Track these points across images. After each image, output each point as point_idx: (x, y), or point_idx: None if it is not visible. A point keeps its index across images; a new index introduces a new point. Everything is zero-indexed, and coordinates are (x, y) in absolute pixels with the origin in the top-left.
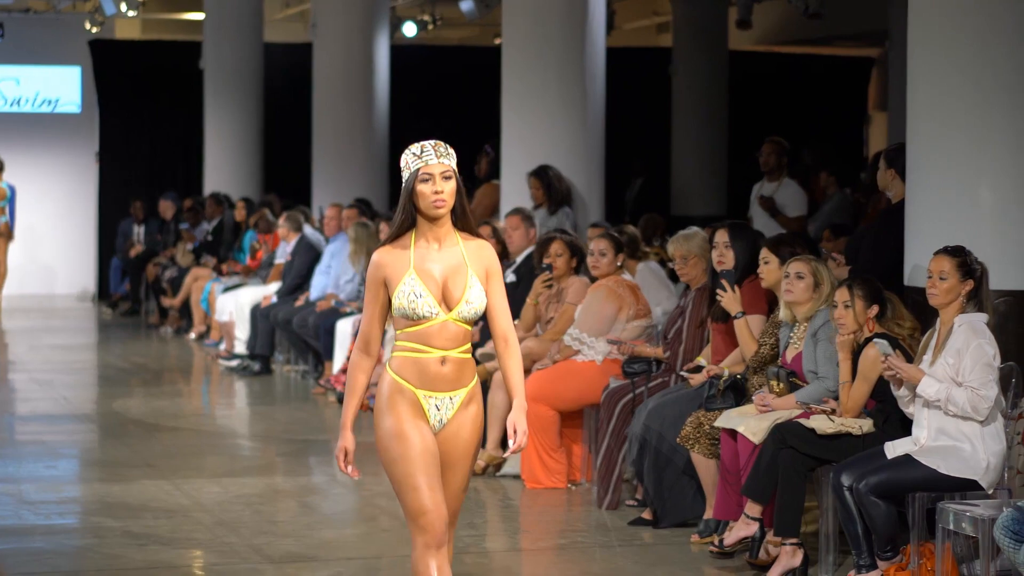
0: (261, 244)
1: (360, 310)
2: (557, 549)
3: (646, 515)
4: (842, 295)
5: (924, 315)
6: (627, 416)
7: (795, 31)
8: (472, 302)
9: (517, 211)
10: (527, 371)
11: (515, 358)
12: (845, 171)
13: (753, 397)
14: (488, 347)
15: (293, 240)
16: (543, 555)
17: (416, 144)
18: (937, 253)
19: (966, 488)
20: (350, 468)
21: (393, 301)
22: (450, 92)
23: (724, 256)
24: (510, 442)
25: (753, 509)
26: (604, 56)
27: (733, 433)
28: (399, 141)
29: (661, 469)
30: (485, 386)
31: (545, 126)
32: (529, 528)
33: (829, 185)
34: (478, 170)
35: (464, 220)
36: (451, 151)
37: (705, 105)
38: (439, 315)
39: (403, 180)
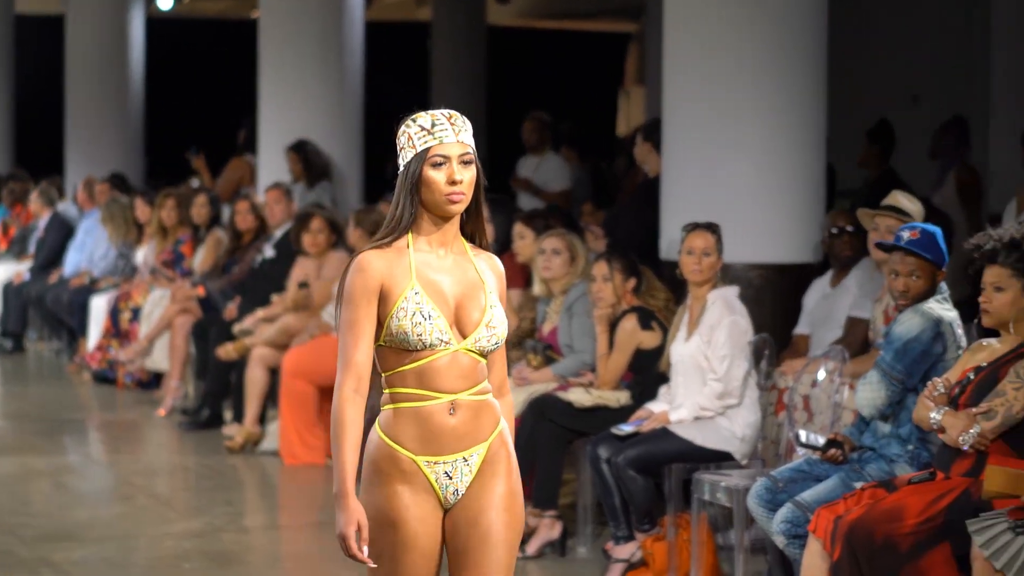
0: (13, 220)
1: (116, 285)
2: (317, 526)
3: None
4: (600, 269)
5: (679, 288)
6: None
7: (554, 6)
8: (495, 327)
9: (277, 185)
10: (284, 347)
11: (508, 418)
12: (591, 145)
13: (511, 370)
14: (247, 321)
15: (46, 215)
16: (302, 531)
17: (423, 114)
18: (696, 228)
19: (721, 459)
20: (365, 549)
21: (388, 325)
22: (207, 65)
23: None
24: None
25: None
26: (363, 30)
27: None
28: (155, 115)
29: None
30: (245, 364)
31: (303, 100)
32: (288, 504)
33: (571, 159)
34: (239, 145)
35: (477, 223)
36: (469, 125)
37: (464, 79)
38: (451, 344)
39: (400, 160)
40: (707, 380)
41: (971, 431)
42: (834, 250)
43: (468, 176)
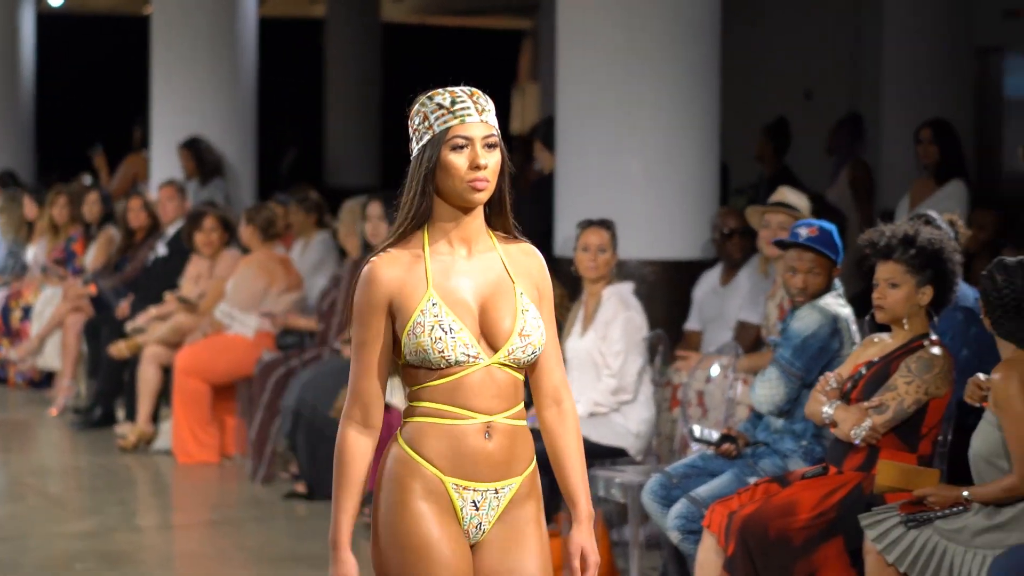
0: None
1: (7, 284)
2: (210, 524)
3: (300, 488)
4: None
5: (574, 285)
6: (281, 389)
7: (448, 2)
8: (529, 335)
9: (171, 182)
10: (177, 345)
11: (571, 434)
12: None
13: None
14: (140, 319)
15: None
16: (196, 531)
17: (441, 91)
18: (591, 225)
19: (616, 455)
20: None
21: (404, 341)
22: (100, 61)
23: (378, 228)
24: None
25: None
26: (256, 26)
27: (387, 405)
28: (46, 112)
29: (315, 442)
30: (138, 361)
31: (196, 97)
32: (181, 504)
33: None
34: (134, 142)
35: (502, 213)
36: (492, 104)
37: (359, 76)
38: (481, 359)
39: (414, 144)
40: (602, 376)
41: (863, 425)
42: (724, 250)
43: (493, 161)
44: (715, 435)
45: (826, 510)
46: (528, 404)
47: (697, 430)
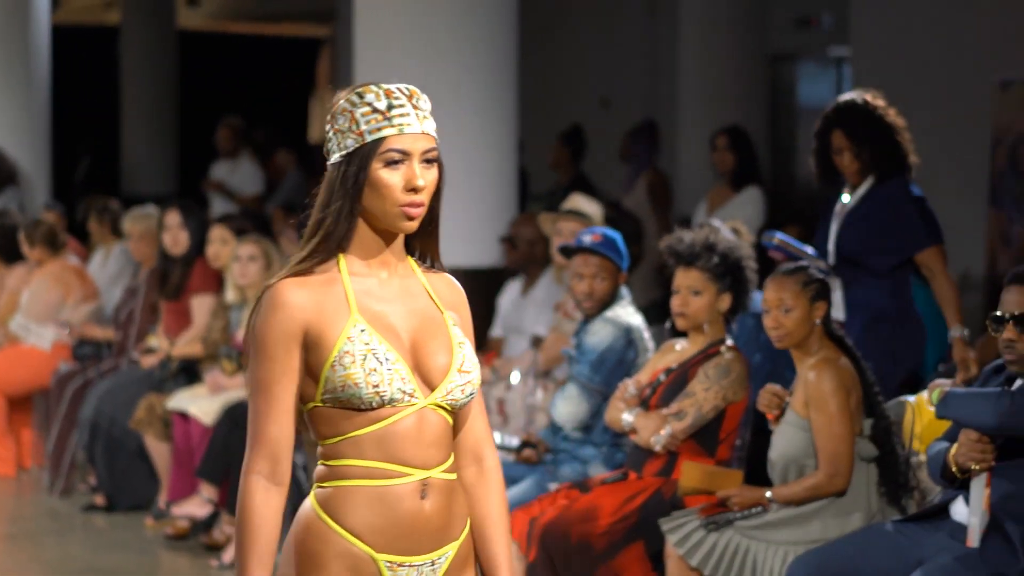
0: None
1: None
2: (7, 538)
3: (99, 500)
4: None
5: None
6: (78, 400)
7: (244, 8)
8: (469, 371)
9: None
10: None
11: (493, 497)
12: (305, 150)
13: (205, 378)
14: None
15: None
16: None
17: (373, 87)
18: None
19: None
20: None
21: (327, 378)
22: None
23: (177, 237)
24: None
25: (209, 491)
26: (49, 33)
27: (185, 415)
28: None
29: (114, 453)
30: None
31: None
32: None
33: (288, 164)
34: None
35: (430, 238)
36: (430, 105)
37: (155, 84)
38: (416, 398)
39: (333, 147)
40: None
41: (663, 432)
42: (516, 258)
43: (430, 179)
44: (515, 442)
45: (627, 515)
46: None
47: (498, 437)
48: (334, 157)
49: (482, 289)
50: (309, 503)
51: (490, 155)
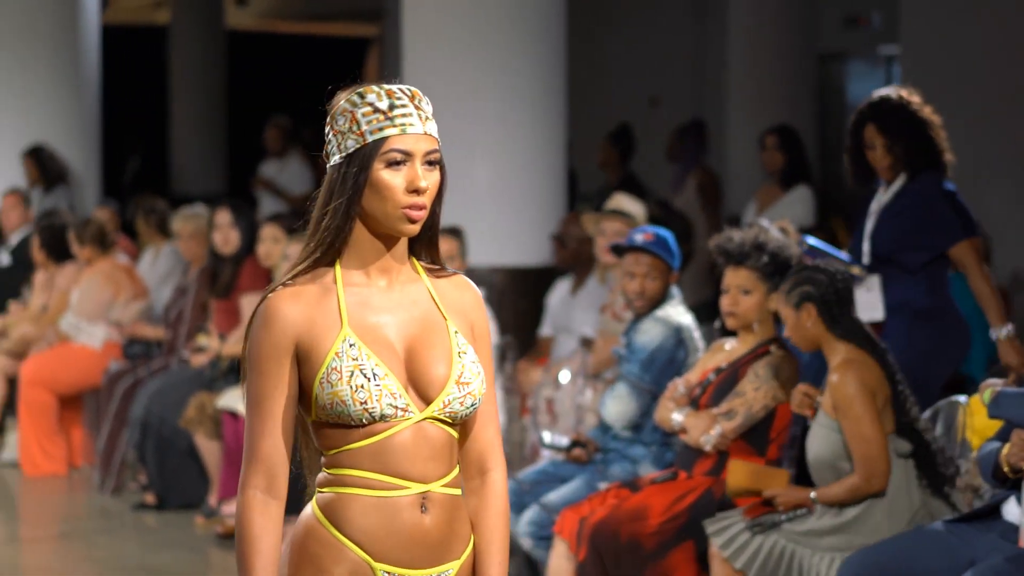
0: None
1: None
2: (59, 537)
3: (149, 499)
4: None
5: None
6: (128, 399)
7: (293, 8)
8: (469, 382)
9: (15, 190)
10: (21, 356)
11: (493, 515)
12: None
13: None
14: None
15: None
16: (44, 544)
17: (374, 88)
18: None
19: None
20: None
21: (316, 392)
22: None
23: (228, 236)
24: None
25: None
26: (99, 32)
27: (235, 414)
28: None
29: (164, 452)
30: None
31: (38, 104)
32: (28, 517)
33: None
34: None
35: (430, 243)
36: (431, 108)
37: (204, 83)
38: (410, 412)
39: (333, 149)
40: None
41: (713, 432)
42: (564, 257)
43: (433, 182)
44: (565, 441)
45: (677, 514)
46: None
47: (547, 437)
48: (334, 159)
49: (531, 288)
50: (310, 507)
51: (540, 154)
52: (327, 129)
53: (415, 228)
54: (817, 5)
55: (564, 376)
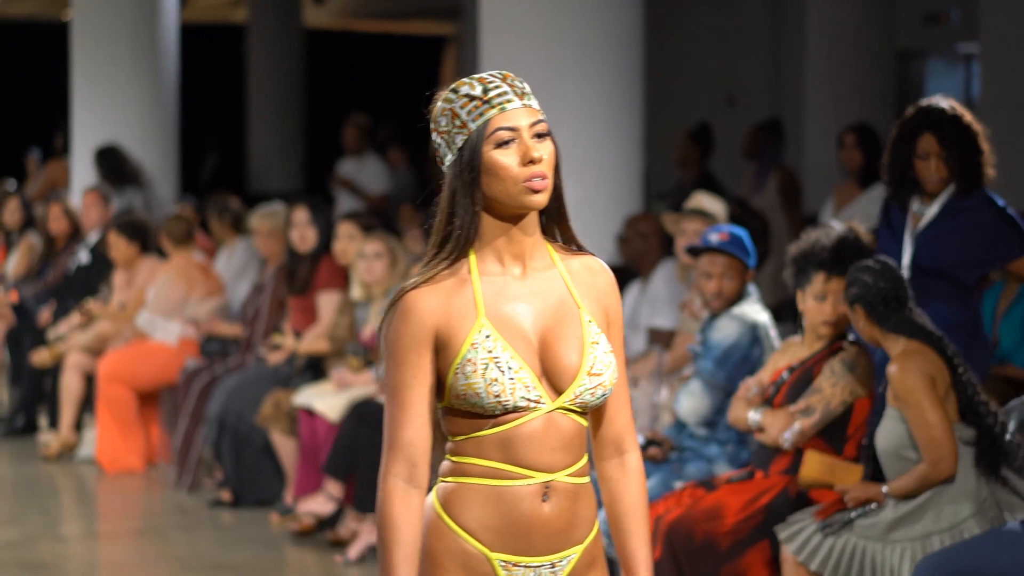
0: None
1: None
2: (136, 533)
3: (225, 496)
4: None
5: None
6: (205, 396)
7: (370, 6)
8: (600, 373)
9: (94, 188)
10: (99, 352)
11: (634, 493)
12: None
13: (331, 374)
14: (62, 327)
15: None
16: (121, 540)
17: (465, 80)
18: None
19: None
20: None
21: (450, 382)
22: (19, 68)
23: (305, 234)
24: None
25: (334, 487)
26: (177, 31)
27: (312, 412)
28: None
29: (240, 449)
30: (59, 370)
31: (117, 103)
32: (106, 512)
33: (400, 162)
34: (56, 148)
35: (560, 219)
36: (528, 86)
37: (281, 82)
38: (543, 403)
39: (443, 153)
40: None
41: (792, 429)
42: (632, 255)
43: (547, 151)
44: (641, 439)
45: (753, 514)
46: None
47: None
48: (448, 160)
49: None
50: (430, 499)
51: (617, 152)
52: (433, 136)
53: (542, 198)
54: (896, 2)
55: (639, 375)
